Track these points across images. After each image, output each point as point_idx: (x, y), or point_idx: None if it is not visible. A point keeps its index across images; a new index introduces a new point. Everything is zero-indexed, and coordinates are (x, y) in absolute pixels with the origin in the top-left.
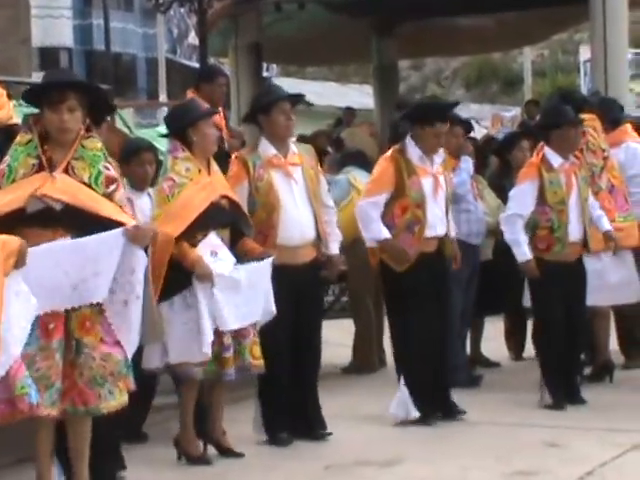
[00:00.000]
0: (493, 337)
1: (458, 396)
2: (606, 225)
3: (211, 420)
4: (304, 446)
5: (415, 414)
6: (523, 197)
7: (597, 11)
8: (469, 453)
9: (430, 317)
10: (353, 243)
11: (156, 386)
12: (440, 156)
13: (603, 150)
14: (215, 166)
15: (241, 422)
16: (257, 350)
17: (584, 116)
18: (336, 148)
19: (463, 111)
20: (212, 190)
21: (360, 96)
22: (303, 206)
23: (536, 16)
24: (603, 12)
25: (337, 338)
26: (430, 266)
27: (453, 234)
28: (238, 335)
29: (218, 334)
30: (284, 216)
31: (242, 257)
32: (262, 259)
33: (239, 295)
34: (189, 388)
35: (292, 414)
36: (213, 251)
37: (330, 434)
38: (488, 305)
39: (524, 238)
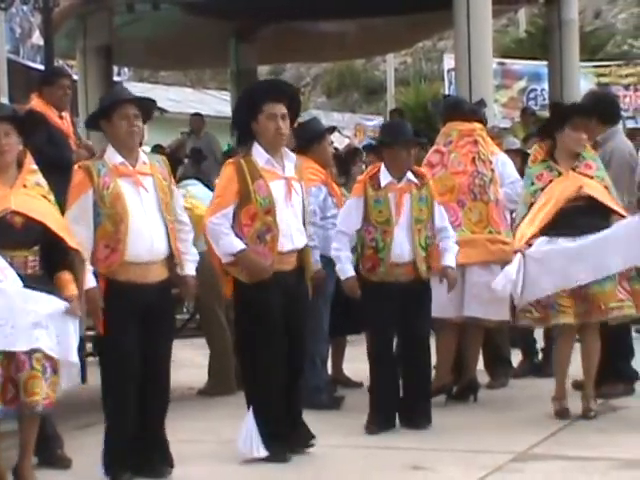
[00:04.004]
0: (355, 357)
1: (319, 418)
2: (448, 261)
3: (19, 459)
4: None
5: (262, 452)
6: (348, 214)
7: (461, 19)
8: (330, 478)
9: (283, 344)
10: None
11: None
12: (291, 160)
13: (490, 161)
14: (30, 181)
15: (91, 447)
16: (35, 385)
17: (475, 126)
18: (193, 158)
19: (324, 119)
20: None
21: (217, 103)
22: (153, 218)
23: (400, 22)
24: (467, 20)
25: (192, 358)
26: (287, 288)
27: (317, 256)
28: (9, 367)
29: None
30: (132, 228)
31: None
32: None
33: (9, 313)
34: None
35: (136, 449)
36: None
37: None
38: (350, 323)
39: (346, 255)
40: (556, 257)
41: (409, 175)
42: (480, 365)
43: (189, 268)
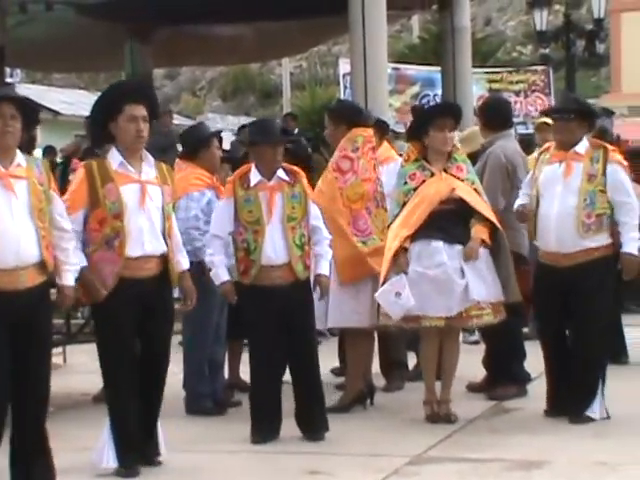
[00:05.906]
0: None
1: (212, 424)
2: (322, 269)
3: None
4: None
5: (112, 464)
6: (219, 216)
7: (356, 23)
8: None
9: (128, 352)
10: None
11: None
12: (150, 164)
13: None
14: None
15: None
16: None
17: (370, 131)
18: (87, 159)
19: (220, 123)
20: None
21: None
22: (23, 223)
23: (295, 26)
24: (362, 25)
25: (87, 363)
26: (144, 295)
27: (183, 265)
28: None
29: None
30: None
31: None
32: None
33: None
34: None
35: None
36: None
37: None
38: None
39: (219, 259)
40: (425, 283)
41: (280, 173)
42: (376, 368)
43: (66, 278)
